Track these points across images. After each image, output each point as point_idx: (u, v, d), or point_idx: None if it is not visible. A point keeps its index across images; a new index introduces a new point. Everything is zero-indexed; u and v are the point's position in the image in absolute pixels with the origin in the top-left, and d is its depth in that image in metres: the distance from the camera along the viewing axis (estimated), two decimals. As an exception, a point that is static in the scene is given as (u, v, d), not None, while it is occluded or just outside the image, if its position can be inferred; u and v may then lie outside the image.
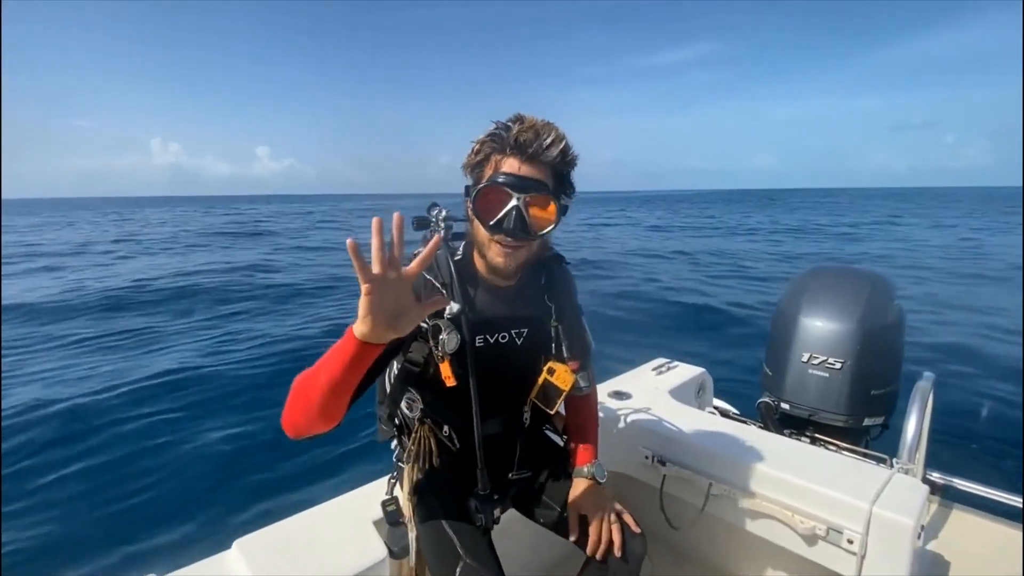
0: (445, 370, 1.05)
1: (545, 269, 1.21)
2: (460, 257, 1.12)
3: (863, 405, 1.92)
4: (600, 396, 1.93)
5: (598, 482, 1.23)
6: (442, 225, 1.14)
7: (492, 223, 1.00)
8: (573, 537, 1.17)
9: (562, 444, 1.38)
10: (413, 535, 1.21)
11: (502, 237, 1.01)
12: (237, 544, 1.20)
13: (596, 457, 1.29)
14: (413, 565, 1.21)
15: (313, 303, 9.33)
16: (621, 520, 1.17)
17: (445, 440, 1.22)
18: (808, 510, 1.39)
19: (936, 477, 1.79)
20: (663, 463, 1.67)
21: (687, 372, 2.23)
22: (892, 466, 1.61)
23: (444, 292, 1.07)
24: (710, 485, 1.56)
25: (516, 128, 0.98)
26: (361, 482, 1.42)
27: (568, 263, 1.25)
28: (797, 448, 1.63)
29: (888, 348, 1.96)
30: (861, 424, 1.94)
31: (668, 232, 24.40)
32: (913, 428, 1.61)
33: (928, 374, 1.77)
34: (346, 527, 1.27)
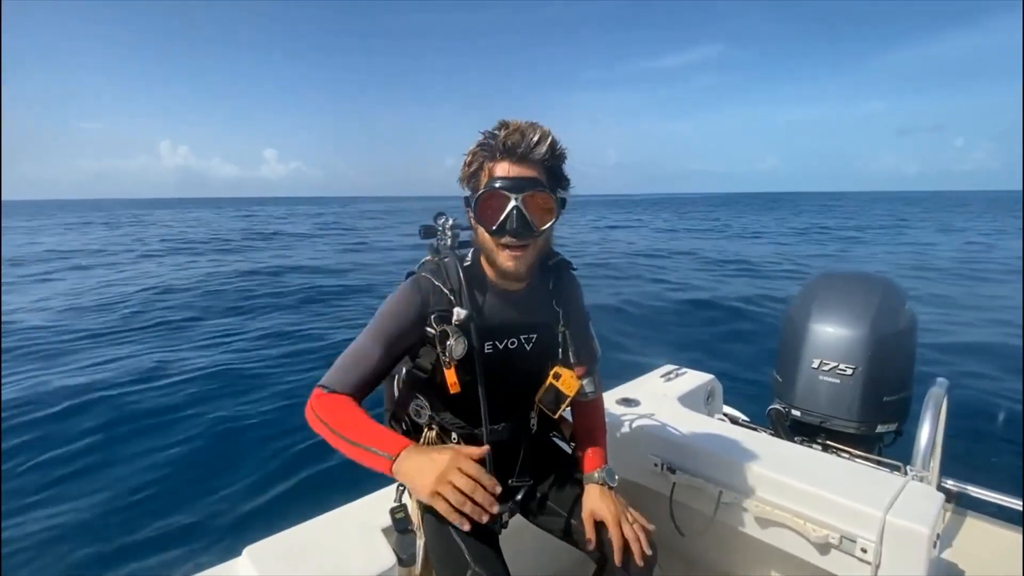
0: (450, 377, 1.06)
1: (553, 274, 1.22)
2: (469, 263, 1.13)
3: (876, 411, 1.89)
4: (608, 403, 1.92)
5: (610, 487, 1.23)
6: (449, 234, 1.16)
7: (495, 227, 1.02)
8: (591, 545, 1.15)
9: (569, 452, 1.38)
10: (421, 543, 1.21)
11: (508, 239, 1.03)
12: (247, 551, 1.21)
13: (606, 462, 1.28)
14: (419, 573, 1.21)
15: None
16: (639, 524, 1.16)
17: (453, 446, 1.22)
18: (821, 518, 1.38)
19: (951, 484, 1.76)
20: (672, 470, 1.66)
21: (696, 379, 2.22)
22: (906, 473, 1.59)
23: (453, 298, 1.08)
24: (720, 493, 1.54)
25: (503, 133, 1.01)
26: (370, 489, 1.42)
27: (575, 268, 1.26)
28: (809, 455, 1.61)
29: (900, 353, 1.94)
30: (874, 431, 1.91)
31: (697, 234, 24.04)
32: (927, 435, 1.58)
33: (942, 380, 1.74)
34: (355, 534, 1.27)
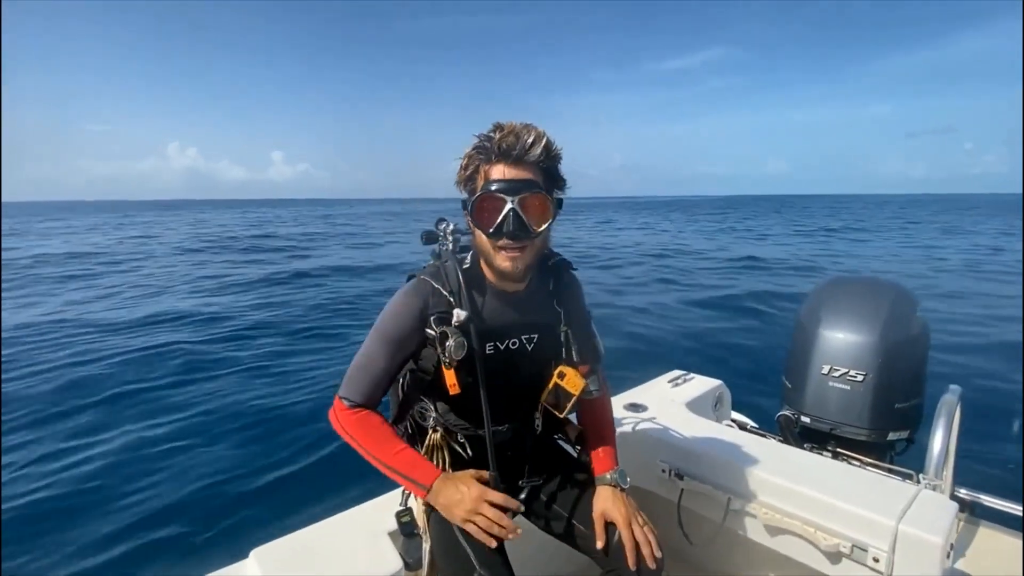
0: (450, 378, 1.07)
1: (553, 275, 1.23)
2: (468, 266, 1.14)
3: (887, 419, 1.87)
4: (616, 408, 1.91)
5: (621, 488, 1.22)
6: (450, 239, 1.17)
7: (492, 230, 1.03)
8: (599, 546, 1.15)
9: (575, 455, 1.37)
10: (427, 547, 1.21)
11: (505, 241, 1.03)
12: (254, 553, 1.21)
13: (616, 463, 1.27)
14: None
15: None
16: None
17: (458, 448, 1.23)
18: (831, 526, 1.36)
19: (965, 494, 1.73)
20: (680, 477, 1.65)
21: (704, 384, 2.20)
22: (919, 482, 1.56)
23: (452, 300, 1.09)
24: (729, 500, 1.53)
25: (498, 136, 1.01)
26: (376, 493, 1.42)
27: (575, 269, 1.26)
28: (819, 462, 1.59)
29: (911, 360, 1.91)
30: (885, 438, 1.88)
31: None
32: (940, 443, 1.56)
33: (954, 387, 1.72)
34: (362, 538, 1.27)
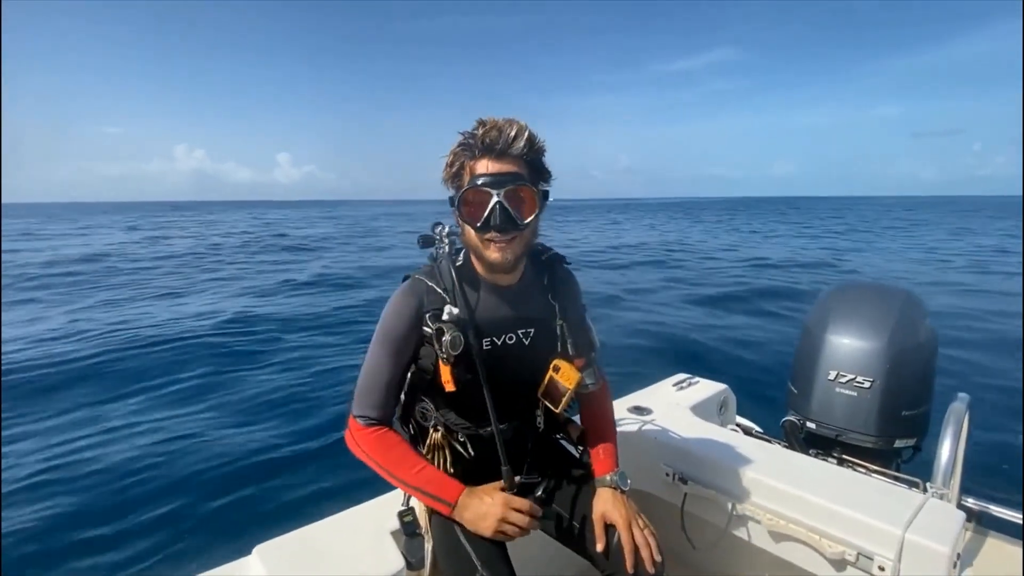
0: (444, 373, 1.08)
1: (547, 269, 1.23)
2: (461, 263, 1.15)
3: (893, 426, 1.85)
4: (619, 411, 1.90)
5: (622, 491, 1.22)
6: (446, 241, 1.18)
7: (480, 224, 1.04)
8: (599, 548, 1.15)
9: (577, 455, 1.37)
10: (429, 547, 1.21)
11: (493, 234, 1.04)
12: (257, 550, 1.21)
13: (617, 464, 1.27)
14: None
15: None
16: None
17: (460, 448, 1.22)
18: (836, 534, 1.35)
19: (972, 503, 1.72)
20: (684, 481, 1.64)
21: (709, 388, 2.19)
22: (925, 490, 1.55)
23: (447, 297, 1.10)
24: (733, 505, 1.52)
25: (481, 131, 1.02)
26: (380, 491, 1.42)
27: (569, 263, 1.27)
28: (824, 469, 1.58)
29: (919, 367, 1.89)
30: (891, 446, 1.87)
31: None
32: (947, 451, 1.54)
33: (963, 395, 1.70)
34: (365, 536, 1.27)
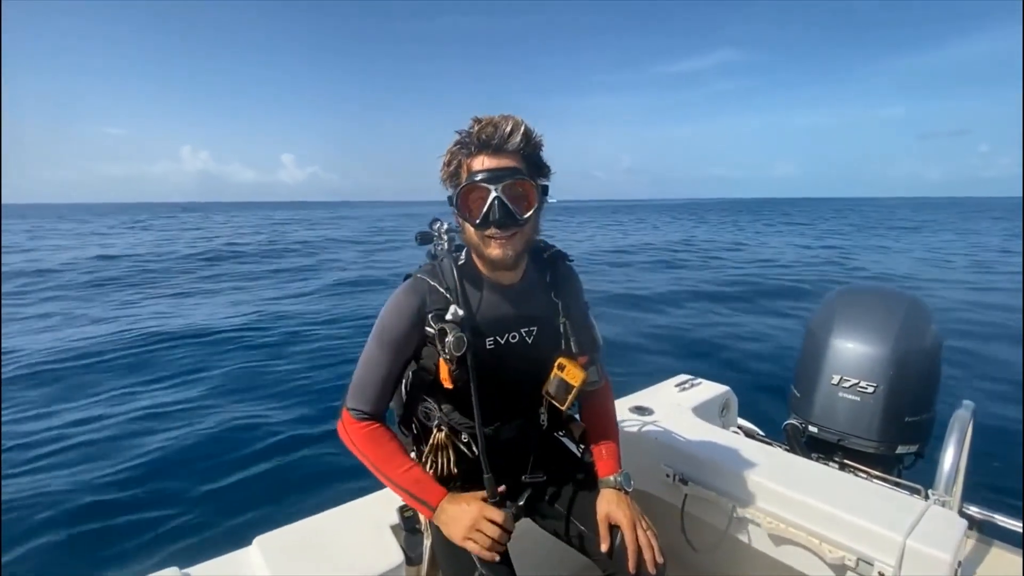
0: (443, 371, 1.07)
1: (550, 267, 1.22)
2: (463, 262, 1.14)
3: (896, 432, 1.85)
4: (621, 411, 1.90)
5: (625, 491, 1.22)
6: (445, 238, 1.18)
7: (479, 220, 1.02)
8: (603, 548, 1.15)
9: (579, 454, 1.37)
10: (428, 543, 1.21)
11: (493, 231, 1.03)
12: (257, 541, 1.22)
13: (620, 465, 1.27)
14: (425, 572, 1.21)
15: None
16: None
17: (463, 447, 1.22)
18: (837, 539, 1.34)
19: (974, 511, 1.71)
20: (685, 482, 1.64)
21: (711, 389, 2.19)
22: (927, 497, 1.54)
23: (450, 297, 1.09)
24: (734, 507, 1.52)
25: (477, 128, 1.01)
26: (382, 485, 1.43)
27: (571, 260, 1.26)
28: (826, 473, 1.57)
29: (924, 373, 1.89)
30: (894, 451, 1.86)
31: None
32: (951, 459, 1.53)
33: (968, 402, 1.69)
34: (365, 530, 1.27)
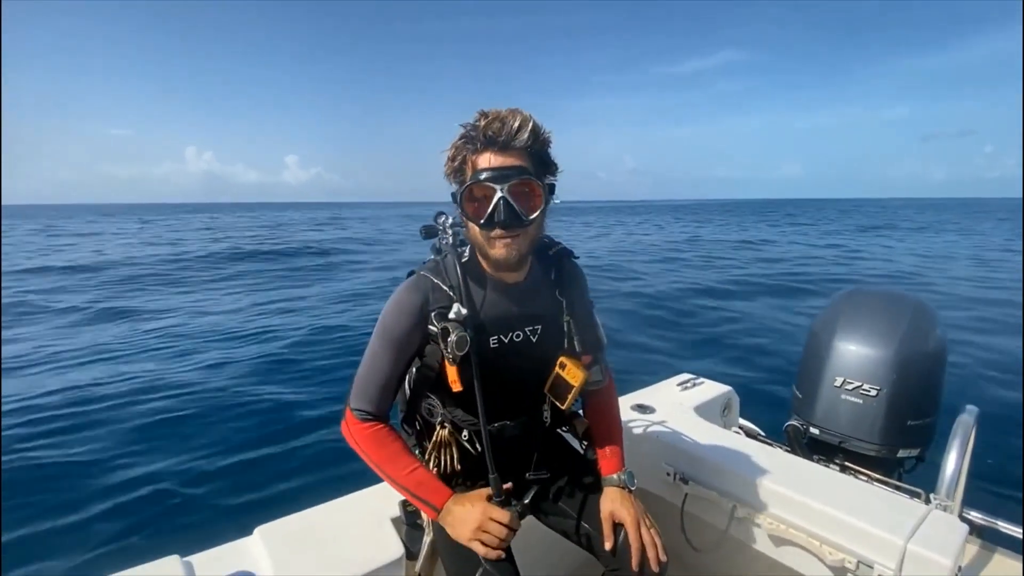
0: (452, 374, 1.06)
1: (555, 264, 1.21)
2: (467, 259, 1.12)
3: (898, 435, 1.84)
4: (623, 408, 1.90)
5: (629, 490, 1.22)
6: (449, 232, 1.15)
7: (484, 220, 1.00)
8: (607, 546, 1.15)
9: (581, 451, 1.37)
10: (428, 538, 1.21)
11: (498, 231, 1.01)
12: (259, 531, 1.22)
13: (624, 463, 1.27)
14: (418, 570, 1.22)
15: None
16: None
17: (466, 444, 1.22)
18: (837, 541, 1.34)
19: (976, 517, 1.71)
20: (685, 481, 1.64)
21: (713, 389, 2.18)
22: (929, 501, 1.54)
23: (453, 295, 1.07)
24: (734, 507, 1.52)
25: (483, 123, 0.98)
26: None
27: (577, 257, 1.24)
28: (827, 475, 1.57)
29: (927, 377, 1.88)
30: (895, 455, 1.85)
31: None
32: (953, 463, 1.53)
33: (971, 407, 1.68)
34: (366, 522, 1.28)
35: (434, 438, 1.21)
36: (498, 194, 0.98)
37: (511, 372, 1.14)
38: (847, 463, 1.90)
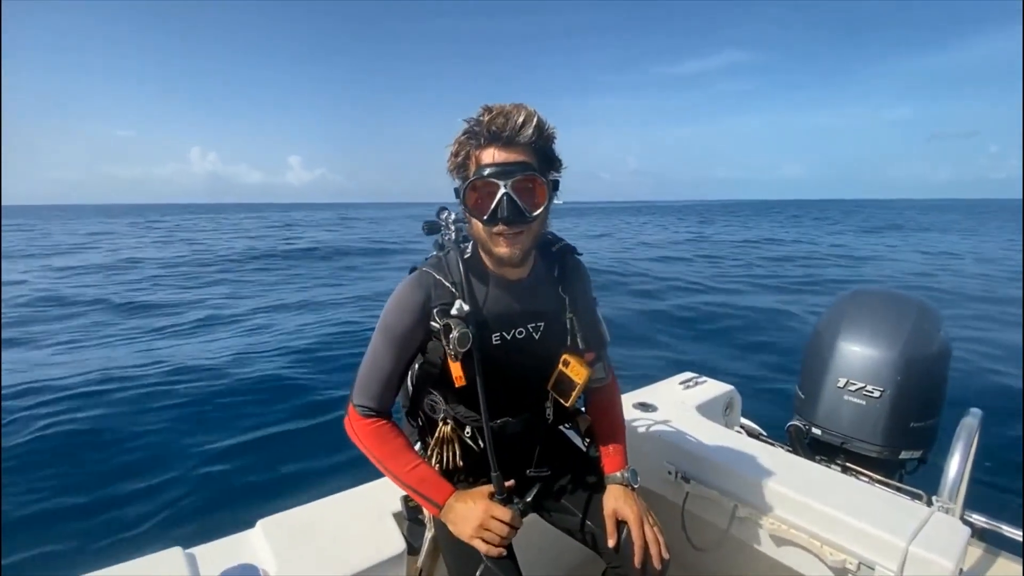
0: (456, 370, 1.06)
1: (558, 261, 1.20)
2: (469, 256, 1.12)
3: (901, 437, 1.84)
4: (625, 406, 1.90)
5: (632, 487, 1.22)
6: (452, 228, 1.14)
7: (487, 217, 1.00)
8: (612, 542, 1.15)
9: (584, 448, 1.37)
10: (429, 534, 1.21)
11: (501, 227, 1.00)
12: (261, 523, 1.23)
13: (627, 461, 1.27)
14: (420, 565, 1.22)
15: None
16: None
17: (468, 440, 1.22)
18: (839, 542, 1.34)
19: (977, 519, 1.70)
20: (687, 480, 1.63)
21: (715, 388, 2.18)
22: (931, 504, 1.54)
23: (455, 292, 1.07)
24: (735, 507, 1.52)
25: (487, 118, 0.97)
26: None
27: (580, 254, 1.24)
28: (829, 476, 1.57)
29: (931, 379, 1.87)
30: (897, 457, 1.85)
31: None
32: (956, 466, 1.52)
33: (975, 410, 1.68)
34: (368, 517, 1.28)
35: (436, 434, 1.21)
36: (502, 190, 0.97)
37: (514, 369, 1.14)
38: (849, 464, 1.89)
